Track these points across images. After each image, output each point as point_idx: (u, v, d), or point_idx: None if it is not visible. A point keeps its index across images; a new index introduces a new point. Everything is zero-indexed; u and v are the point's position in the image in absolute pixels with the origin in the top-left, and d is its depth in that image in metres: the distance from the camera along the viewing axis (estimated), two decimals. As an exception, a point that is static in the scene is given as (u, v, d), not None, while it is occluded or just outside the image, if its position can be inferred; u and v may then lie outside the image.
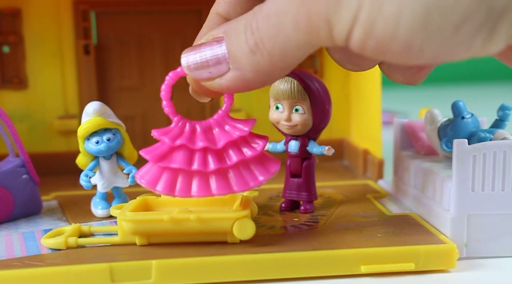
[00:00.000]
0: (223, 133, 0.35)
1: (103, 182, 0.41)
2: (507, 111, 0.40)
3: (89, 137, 0.40)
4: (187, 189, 0.35)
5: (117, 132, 0.41)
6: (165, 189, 0.34)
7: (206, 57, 0.31)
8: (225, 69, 0.31)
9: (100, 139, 0.40)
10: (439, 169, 0.40)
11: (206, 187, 0.35)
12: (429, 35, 0.26)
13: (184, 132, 0.35)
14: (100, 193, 0.42)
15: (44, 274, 0.33)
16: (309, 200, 0.42)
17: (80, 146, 0.41)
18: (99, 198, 0.42)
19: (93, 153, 0.41)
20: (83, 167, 0.41)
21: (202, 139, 0.35)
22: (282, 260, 0.34)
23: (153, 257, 0.34)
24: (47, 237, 0.36)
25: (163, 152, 0.35)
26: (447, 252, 0.35)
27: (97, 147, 0.40)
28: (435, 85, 1.31)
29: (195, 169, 0.34)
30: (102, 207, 0.42)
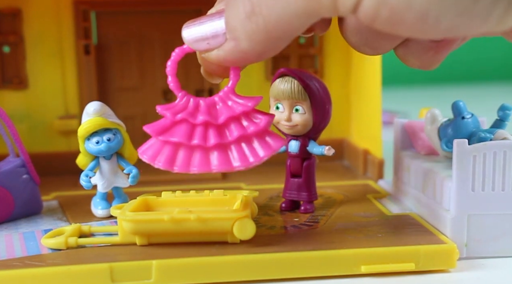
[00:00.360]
0: (226, 109, 0.35)
1: (103, 182, 0.41)
2: (507, 111, 0.40)
3: (89, 137, 0.40)
4: (187, 164, 0.34)
5: (118, 132, 0.41)
6: (165, 163, 0.34)
7: (205, 28, 0.31)
8: (222, 40, 0.30)
9: (100, 139, 0.40)
10: (439, 169, 0.40)
11: (206, 162, 0.34)
12: (446, 5, 0.25)
13: (187, 108, 0.35)
14: (100, 193, 0.42)
15: (44, 274, 0.33)
16: (309, 200, 0.42)
17: (80, 146, 0.41)
18: (99, 198, 0.42)
19: (93, 153, 0.41)
20: (83, 167, 0.41)
21: (203, 114, 0.34)
22: (282, 260, 0.34)
23: (153, 257, 0.34)
24: (47, 237, 0.36)
25: (165, 126, 0.34)
26: (447, 252, 0.35)
27: (97, 147, 0.40)
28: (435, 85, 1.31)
29: (195, 143, 0.34)
30: (102, 207, 0.42)
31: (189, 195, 0.39)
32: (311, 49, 0.58)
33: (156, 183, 0.51)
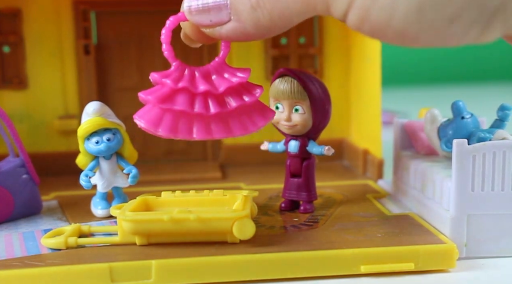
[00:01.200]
0: (222, 79, 0.35)
1: (103, 182, 0.41)
2: (506, 111, 0.40)
3: (89, 137, 0.40)
4: (188, 131, 0.34)
5: (117, 132, 0.41)
6: (167, 131, 0.34)
7: (208, 3, 0.31)
8: (226, 18, 0.31)
9: (100, 139, 0.40)
10: (439, 169, 0.40)
11: (207, 130, 0.34)
12: (423, 27, 0.26)
13: (184, 76, 0.35)
14: (100, 193, 0.42)
15: (44, 274, 0.33)
16: (309, 200, 0.42)
17: (80, 146, 0.41)
18: (99, 198, 0.42)
19: (93, 153, 0.41)
20: (83, 167, 0.41)
21: (203, 83, 0.35)
22: (282, 260, 0.34)
23: (153, 257, 0.34)
24: (47, 237, 0.36)
25: (165, 94, 0.34)
26: (447, 252, 0.35)
27: (97, 147, 0.40)
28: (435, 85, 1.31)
29: (197, 111, 0.34)
30: (102, 207, 0.42)
31: (189, 195, 0.39)
32: (311, 49, 0.58)
33: (155, 183, 0.51)
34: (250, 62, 0.58)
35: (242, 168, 0.57)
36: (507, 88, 1.30)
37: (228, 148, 0.58)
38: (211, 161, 0.59)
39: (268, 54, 0.58)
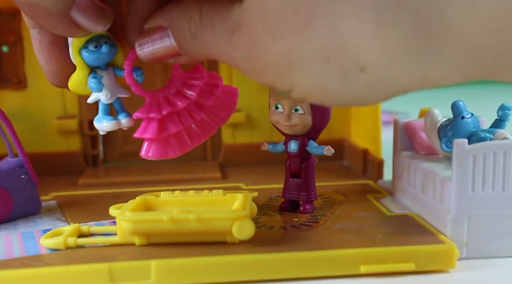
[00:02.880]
0: (190, 87, 0.38)
1: (106, 92, 0.39)
2: (507, 111, 0.40)
3: (85, 45, 0.38)
4: (186, 145, 0.39)
5: (111, 39, 0.39)
6: (174, 153, 0.38)
7: (159, 49, 0.34)
8: (176, 55, 0.34)
9: (97, 43, 0.39)
10: (439, 169, 0.40)
11: (198, 136, 0.39)
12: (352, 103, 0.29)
13: (161, 101, 0.38)
14: (103, 107, 0.40)
15: (43, 274, 0.33)
16: (309, 200, 0.42)
17: (76, 58, 0.38)
18: (102, 113, 0.39)
19: (93, 60, 0.38)
20: (79, 85, 0.39)
21: (180, 100, 0.38)
22: (282, 260, 0.34)
23: (152, 257, 0.34)
24: (46, 237, 0.36)
25: (157, 127, 0.37)
26: (447, 252, 0.35)
27: (98, 52, 0.39)
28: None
29: (187, 125, 0.38)
30: (107, 120, 0.40)
31: (189, 195, 0.39)
32: (310, 49, 0.58)
33: (155, 183, 0.51)
34: (249, 62, 0.58)
35: (242, 168, 0.57)
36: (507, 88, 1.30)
37: (228, 148, 0.58)
38: (211, 161, 0.59)
39: (267, 54, 0.58)
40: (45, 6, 0.34)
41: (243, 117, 0.58)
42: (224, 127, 0.58)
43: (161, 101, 0.38)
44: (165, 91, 0.39)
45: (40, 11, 0.35)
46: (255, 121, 0.59)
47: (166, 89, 0.39)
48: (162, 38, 0.34)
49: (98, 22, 0.36)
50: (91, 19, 0.36)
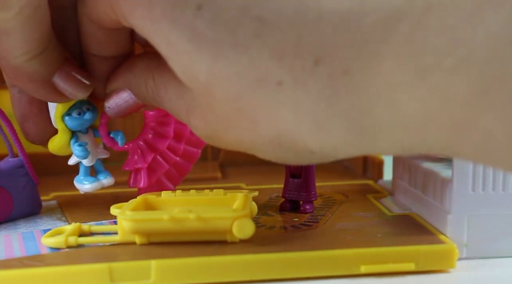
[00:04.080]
0: (163, 126, 0.42)
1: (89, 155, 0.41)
2: (507, 111, 0.40)
3: (68, 112, 0.40)
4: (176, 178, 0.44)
5: (91, 104, 0.40)
6: (171, 188, 0.44)
7: (125, 108, 0.37)
8: (143, 106, 0.37)
9: (80, 110, 0.40)
10: (439, 169, 0.40)
11: (185, 165, 0.44)
12: None
13: (143, 149, 0.42)
14: (84, 169, 0.41)
15: (44, 274, 0.33)
16: (309, 200, 0.42)
17: (59, 124, 0.40)
18: (83, 175, 0.41)
19: (76, 126, 0.40)
20: (60, 149, 0.40)
21: (159, 142, 0.42)
22: (282, 260, 0.34)
23: (152, 257, 0.34)
24: (47, 236, 0.36)
25: (147, 175, 0.42)
26: (447, 252, 0.35)
27: (81, 118, 0.40)
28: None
29: (174, 161, 0.43)
30: (89, 181, 0.41)
31: (189, 194, 0.39)
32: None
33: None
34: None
35: (242, 168, 0.57)
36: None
37: (228, 148, 0.58)
38: (211, 161, 0.59)
39: (268, 54, 0.58)
40: (28, 71, 0.35)
41: (243, 117, 0.58)
42: (224, 127, 0.58)
43: (143, 148, 0.42)
44: (144, 136, 0.42)
45: (22, 75, 0.36)
46: (255, 121, 0.59)
47: (144, 134, 0.42)
48: (125, 99, 0.37)
49: (79, 89, 0.37)
50: (73, 86, 0.37)
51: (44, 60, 0.35)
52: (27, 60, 0.35)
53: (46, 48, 0.35)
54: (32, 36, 0.34)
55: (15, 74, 0.36)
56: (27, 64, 0.35)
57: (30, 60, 0.35)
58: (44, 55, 0.35)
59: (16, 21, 0.33)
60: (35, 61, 0.35)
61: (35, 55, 0.35)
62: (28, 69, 0.35)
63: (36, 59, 0.35)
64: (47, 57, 0.35)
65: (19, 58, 0.34)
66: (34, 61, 0.35)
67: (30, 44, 0.34)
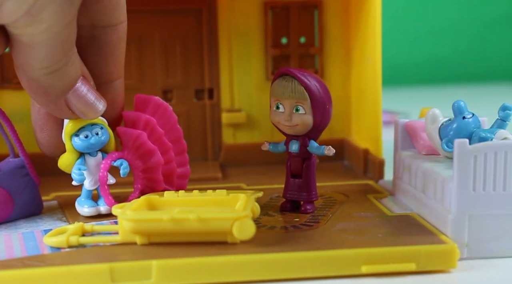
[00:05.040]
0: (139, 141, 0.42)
1: (90, 179, 0.41)
2: (508, 111, 0.40)
3: (77, 133, 0.40)
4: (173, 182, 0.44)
5: (104, 127, 0.41)
6: None
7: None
8: None
9: (89, 133, 0.40)
10: (440, 169, 0.40)
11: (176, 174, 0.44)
12: None
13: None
14: (86, 192, 0.42)
15: (44, 274, 0.33)
16: (310, 200, 0.42)
17: (67, 143, 0.40)
18: (84, 197, 0.42)
19: (82, 148, 0.40)
20: (67, 167, 0.41)
21: (141, 161, 0.42)
22: (282, 260, 0.34)
23: (153, 257, 0.34)
24: (49, 236, 0.36)
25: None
26: (448, 252, 0.35)
27: (87, 141, 0.40)
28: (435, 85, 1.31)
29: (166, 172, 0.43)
30: (88, 205, 0.41)
31: (192, 194, 0.39)
32: (311, 49, 0.58)
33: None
34: (250, 61, 0.58)
35: (243, 168, 0.57)
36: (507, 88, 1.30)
37: (228, 148, 0.58)
38: (212, 161, 0.59)
39: (268, 53, 0.58)
40: (44, 84, 0.36)
41: (244, 117, 0.58)
42: (224, 127, 0.58)
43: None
44: (127, 157, 0.42)
45: (38, 87, 0.36)
46: (255, 121, 0.59)
47: (127, 156, 0.42)
48: None
49: (90, 110, 0.38)
50: (85, 106, 0.38)
51: (61, 76, 0.36)
52: (45, 74, 0.35)
53: (67, 64, 0.36)
54: (55, 51, 0.34)
55: (30, 85, 0.36)
56: (44, 77, 0.35)
57: (48, 74, 0.35)
58: (63, 71, 0.36)
59: (43, 36, 0.33)
60: (53, 76, 0.35)
61: (55, 70, 0.35)
62: (45, 83, 0.36)
63: (55, 73, 0.35)
64: (65, 73, 0.36)
65: (38, 71, 0.35)
66: (52, 76, 0.35)
67: (52, 59, 0.35)
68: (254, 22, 0.58)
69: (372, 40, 0.51)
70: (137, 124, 0.42)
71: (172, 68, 0.58)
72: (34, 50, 0.34)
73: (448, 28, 1.38)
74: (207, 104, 0.58)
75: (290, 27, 0.58)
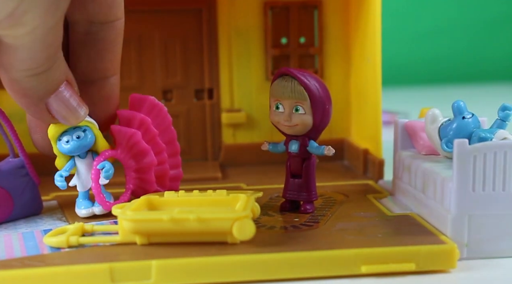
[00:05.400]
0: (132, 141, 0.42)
1: (80, 181, 0.41)
2: (507, 111, 0.40)
3: (60, 137, 0.40)
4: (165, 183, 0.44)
5: (88, 130, 0.40)
6: None
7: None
8: None
9: (70, 137, 0.40)
10: (439, 169, 0.40)
11: None
12: None
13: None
14: (82, 193, 0.41)
15: (44, 274, 0.33)
16: (309, 200, 0.42)
17: (54, 148, 0.40)
18: (81, 198, 0.42)
19: (64, 153, 0.40)
20: (60, 169, 0.41)
21: (134, 160, 0.42)
22: (282, 260, 0.34)
23: (153, 257, 0.34)
24: (50, 236, 0.36)
25: None
26: (447, 253, 0.35)
27: (67, 147, 0.40)
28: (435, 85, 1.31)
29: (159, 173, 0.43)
30: (85, 206, 0.41)
31: (192, 194, 0.39)
32: (311, 49, 0.58)
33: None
34: (250, 61, 0.58)
35: (242, 168, 0.57)
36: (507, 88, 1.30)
37: (228, 148, 0.58)
38: (211, 161, 0.59)
39: (268, 53, 0.58)
40: (25, 86, 0.35)
41: (244, 117, 0.58)
42: (224, 127, 0.58)
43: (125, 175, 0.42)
44: (120, 156, 0.41)
45: (18, 89, 0.36)
46: (255, 121, 0.59)
47: (120, 155, 0.41)
48: None
49: (71, 116, 0.38)
50: (66, 111, 0.37)
51: (44, 79, 0.35)
52: (27, 76, 0.35)
53: (50, 68, 0.35)
54: (38, 55, 0.34)
55: (11, 86, 0.36)
56: (26, 79, 0.35)
57: (30, 76, 0.35)
58: (46, 75, 0.35)
59: (26, 39, 0.33)
60: (34, 78, 0.35)
61: (37, 73, 0.35)
62: (26, 84, 0.35)
63: (37, 76, 0.35)
64: (48, 77, 0.35)
65: (20, 72, 0.34)
66: (34, 78, 0.35)
67: (35, 62, 0.34)
68: (254, 22, 0.58)
69: (372, 40, 0.51)
70: (132, 123, 0.42)
71: (172, 68, 0.58)
72: (17, 51, 0.33)
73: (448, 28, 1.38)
74: (207, 104, 0.58)
75: (290, 27, 0.58)
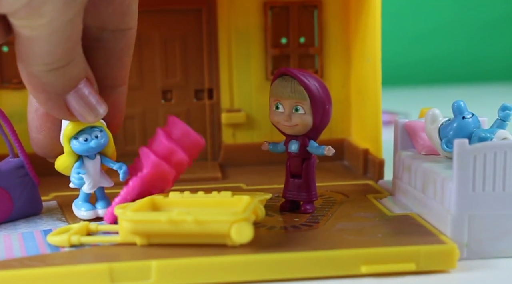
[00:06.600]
0: None
1: (89, 182, 0.41)
2: (508, 111, 0.40)
3: (76, 136, 0.40)
4: None
5: (103, 130, 0.40)
6: None
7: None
8: None
9: (88, 136, 0.40)
10: (439, 169, 0.40)
11: None
12: None
13: None
14: (83, 195, 0.41)
15: (44, 275, 0.33)
16: (309, 200, 0.42)
17: (65, 146, 0.40)
18: (82, 200, 0.41)
19: (81, 151, 0.40)
20: (65, 169, 0.41)
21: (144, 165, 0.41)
22: (282, 260, 0.34)
23: (152, 258, 0.34)
24: (53, 235, 0.36)
25: None
26: (447, 253, 0.35)
27: (86, 145, 0.40)
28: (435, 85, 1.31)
29: None
30: (85, 208, 0.41)
31: (197, 196, 0.39)
32: (311, 49, 0.58)
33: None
34: (250, 61, 0.58)
35: (242, 168, 0.57)
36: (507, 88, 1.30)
37: (228, 148, 0.58)
38: (211, 161, 0.59)
39: (268, 53, 0.58)
40: (43, 81, 0.35)
41: (244, 117, 0.58)
42: (224, 127, 0.58)
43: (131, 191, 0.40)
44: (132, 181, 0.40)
45: (37, 84, 0.35)
46: (255, 121, 0.59)
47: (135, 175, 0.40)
48: None
49: (90, 114, 0.37)
50: (84, 109, 0.37)
51: (62, 75, 0.35)
52: (45, 71, 0.34)
53: (69, 63, 0.35)
54: (56, 49, 0.34)
55: (30, 80, 0.35)
56: (44, 74, 0.35)
57: (49, 71, 0.34)
58: (64, 70, 0.35)
59: (43, 30, 0.33)
60: (53, 73, 0.35)
61: (56, 67, 0.34)
62: (44, 79, 0.35)
63: (56, 71, 0.35)
64: (66, 73, 0.35)
65: (38, 66, 0.34)
66: (53, 73, 0.35)
67: (52, 56, 0.34)
68: (254, 22, 0.58)
69: (372, 40, 0.51)
70: (169, 159, 0.41)
71: (172, 68, 0.58)
72: (34, 44, 0.33)
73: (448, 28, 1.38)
74: (207, 104, 0.58)
75: (290, 27, 0.58)
